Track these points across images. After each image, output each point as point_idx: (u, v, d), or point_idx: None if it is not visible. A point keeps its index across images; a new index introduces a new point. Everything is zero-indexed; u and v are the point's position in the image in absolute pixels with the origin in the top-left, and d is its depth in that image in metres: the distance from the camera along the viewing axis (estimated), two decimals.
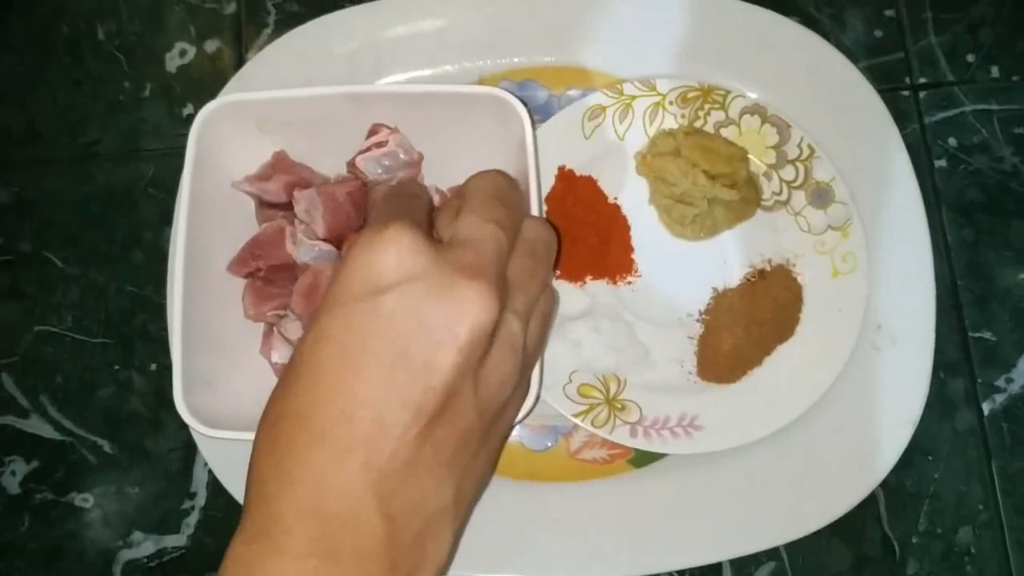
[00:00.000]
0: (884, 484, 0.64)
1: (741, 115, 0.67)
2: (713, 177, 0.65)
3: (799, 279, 0.65)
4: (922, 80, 0.73)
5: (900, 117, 0.69)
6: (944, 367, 0.67)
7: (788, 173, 0.67)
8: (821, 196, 0.66)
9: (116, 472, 0.67)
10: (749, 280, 0.66)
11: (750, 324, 0.64)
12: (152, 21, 0.74)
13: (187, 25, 0.74)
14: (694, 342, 0.65)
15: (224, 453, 0.63)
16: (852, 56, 0.70)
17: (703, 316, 0.66)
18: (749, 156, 0.66)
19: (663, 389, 0.64)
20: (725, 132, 0.67)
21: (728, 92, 0.67)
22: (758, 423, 0.63)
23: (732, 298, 0.65)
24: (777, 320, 0.65)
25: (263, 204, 0.61)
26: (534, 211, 0.56)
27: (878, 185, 0.67)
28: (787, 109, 0.67)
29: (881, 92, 0.68)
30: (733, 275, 0.66)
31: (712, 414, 0.63)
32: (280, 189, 0.60)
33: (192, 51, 0.74)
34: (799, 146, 0.67)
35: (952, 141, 0.71)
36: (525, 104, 0.57)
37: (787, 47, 0.69)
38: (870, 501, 0.64)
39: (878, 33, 0.73)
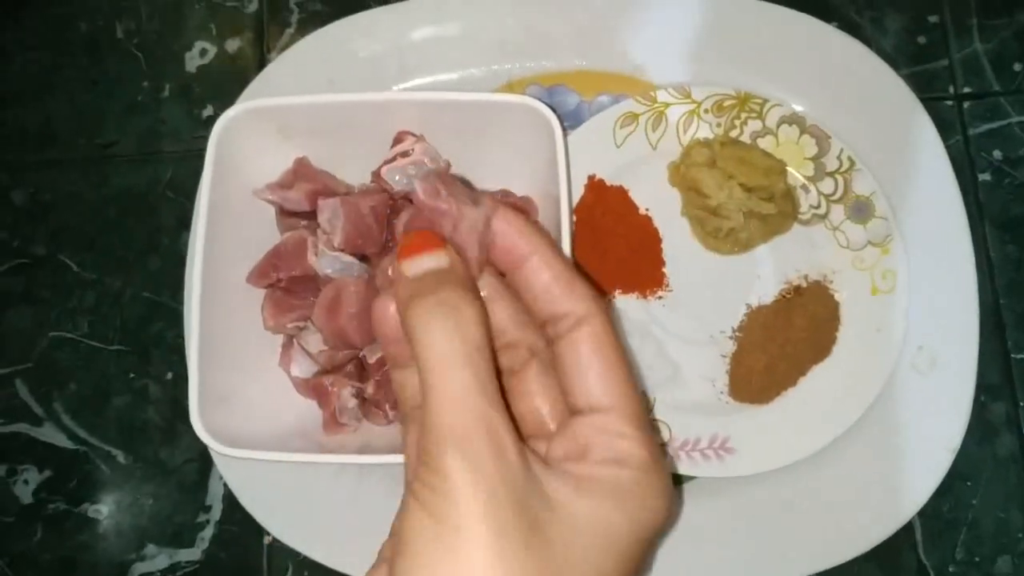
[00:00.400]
0: (920, 510, 0.62)
1: (779, 125, 0.65)
2: (749, 190, 0.62)
3: (836, 296, 0.63)
4: (966, 90, 0.70)
5: (942, 128, 0.66)
6: (985, 390, 0.65)
7: (827, 186, 0.64)
8: (861, 210, 0.64)
9: (130, 483, 0.66)
10: (784, 297, 0.64)
11: (785, 343, 0.62)
12: (172, 19, 0.73)
13: (208, 24, 0.72)
14: (726, 360, 0.63)
15: (240, 466, 0.62)
16: (893, 63, 0.67)
17: (736, 333, 0.63)
18: (787, 168, 0.64)
19: (694, 409, 0.62)
20: (762, 142, 0.65)
21: (766, 101, 0.65)
22: (792, 446, 0.61)
23: (766, 315, 0.63)
24: (813, 339, 0.62)
25: (284, 212, 0.60)
26: (564, 225, 0.54)
27: (920, 199, 0.64)
28: (826, 119, 0.65)
29: (923, 101, 0.66)
30: (768, 291, 0.64)
31: (744, 436, 0.61)
32: (302, 197, 0.58)
33: (213, 51, 0.72)
34: (839, 158, 0.64)
35: (997, 154, 0.69)
36: (556, 113, 0.55)
37: (826, 54, 0.67)
38: (906, 528, 0.62)
39: (921, 39, 0.71)
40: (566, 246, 0.54)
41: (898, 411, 0.62)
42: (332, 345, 0.57)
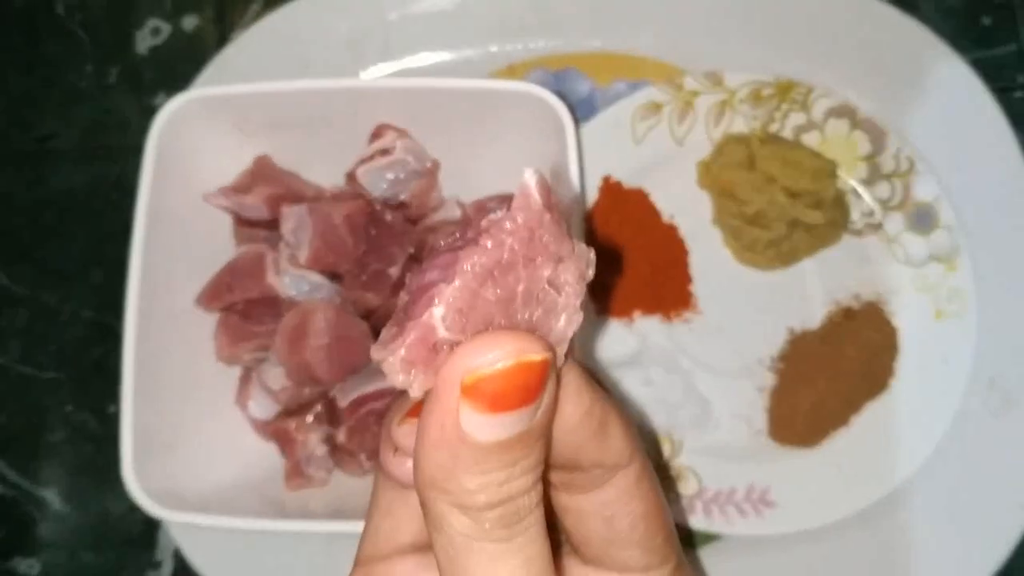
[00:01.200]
0: None
1: (826, 118, 0.55)
2: (794, 195, 0.53)
3: (894, 321, 0.54)
4: None
5: (1011, 123, 0.57)
6: None
7: (882, 190, 0.55)
8: (922, 219, 0.55)
9: (68, 534, 0.57)
10: (833, 321, 0.54)
11: (834, 375, 0.53)
12: None
13: None
14: (765, 396, 0.54)
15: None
16: (957, 47, 0.58)
17: (776, 364, 0.54)
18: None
19: (727, 454, 0.53)
20: (806, 138, 0.55)
21: (810, 89, 0.55)
22: (842, 499, 0.52)
23: (812, 342, 0.54)
24: (866, 371, 0.53)
25: (241, 222, 0.51)
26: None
27: (991, 207, 0.55)
28: (881, 111, 0.56)
29: (989, 92, 0.57)
30: (813, 314, 0.55)
31: (787, 486, 0.52)
32: (262, 203, 0.49)
33: (167, 29, 0.63)
34: (896, 157, 0.55)
35: None
36: (566, 102, 0.46)
37: (880, 35, 0.57)
38: None
39: (986, 21, 0.61)
40: None
41: (966, 458, 0.53)
42: (296, 381, 0.48)
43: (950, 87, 0.57)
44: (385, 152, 0.49)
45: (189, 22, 0.63)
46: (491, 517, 0.21)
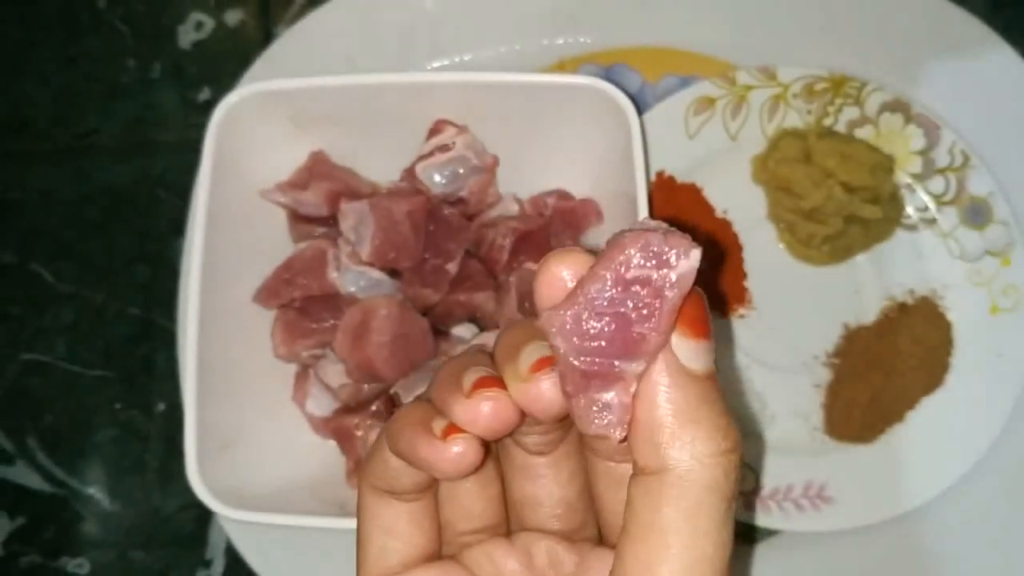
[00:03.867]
0: None
1: (880, 112, 0.55)
2: (852, 190, 0.53)
3: (948, 316, 0.54)
4: None
5: None
6: None
7: (937, 185, 0.55)
8: (977, 214, 0.54)
9: (116, 533, 0.56)
10: (887, 316, 0.54)
11: (890, 371, 0.53)
12: None
13: None
14: (821, 392, 0.53)
15: None
16: (1010, 39, 0.57)
17: (832, 359, 0.54)
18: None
19: (784, 450, 0.52)
20: (860, 133, 0.55)
21: (864, 84, 0.55)
22: (898, 495, 0.51)
23: (867, 338, 0.54)
24: (922, 366, 0.53)
25: (298, 218, 0.50)
26: None
27: None
28: (935, 105, 0.55)
29: None
30: (868, 309, 0.54)
31: (844, 482, 0.52)
32: (320, 200, 0.48)
33: (210, 24, 0.62)
34: (951, 152, 0.54)
35: None
36: (633, 100, 0.46)
37: (933, 27, 0.57)
38: None
39: None
40: None
41: (1023, 453, 0.52)
42: (356, 378, 0.48)
43: (1004, 80, 0.56)
44: (445, 148, 0.48)
45: (232, 16, 0.62)
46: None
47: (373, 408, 0.48)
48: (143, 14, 0.62)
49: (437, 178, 0.48)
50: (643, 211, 0.45)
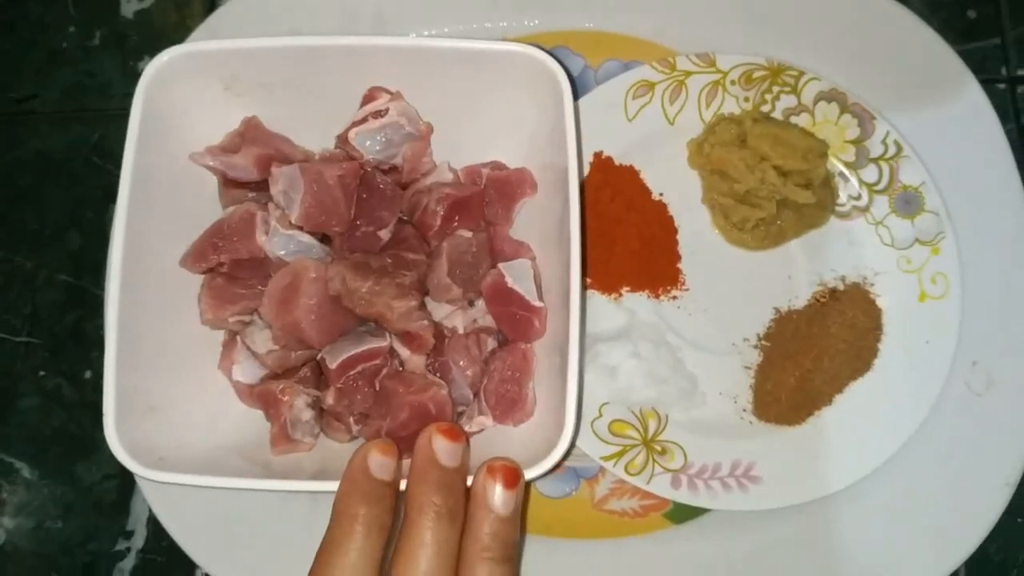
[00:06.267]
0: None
1: (816, 101, 0.56)
2: (785, 174, 0.53)
3: (878, 302, 0.54)
4: (1021, 72, 0.61)
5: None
6: None
7: (870, 174, 0.56)
8: (908, 203, 0.55)
9: (36, 502, 0.55)
10: (818, 301, 0.55)
11: (819, 354, 0.53)
12: None
13: None
14: (751, 373, 0.54)
15: (169, 487, 0.50)
16: (947, 40, 0.58)
17: (762, 342, 0.54)
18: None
19: (713, 430, 0.53)
20: (796, 121, 0.56)
21: (801, 73, 0.56)
22: (825, 476, 0.52)
23: (798, 322, 0.54)
24: (851, 351, 0.53)
25: (228, 182, 0.49)
26: (572, 205, 0.44)
27: (976, 192, 0.56)
28: (870, 96, 0.56)
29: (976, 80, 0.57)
30: (800, 294, 0.55)
31: (771, 463, 0.52)
32: (250, 164, 0.48)
33: None
34: (884, 142, 0.55)
35: None
36: (566, 68, 0.46)
37: (871, 20, 0.58)
38: None
39: (971, 14, 0.62)
40: (575, 229, 0.44)
41: (948, 438, 0.53)
42: (284, 344, 0.47)
43: (939, 74, 0.57)
44: (378, 114, 0.48)
45: None
46: None
47: (300, 375, 0.48)
48: None
49: (370, 144, 0.48)
50: (574, 183, 0.45)
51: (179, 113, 0.48)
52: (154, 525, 0.54)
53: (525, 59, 0.46)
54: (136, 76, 0.59)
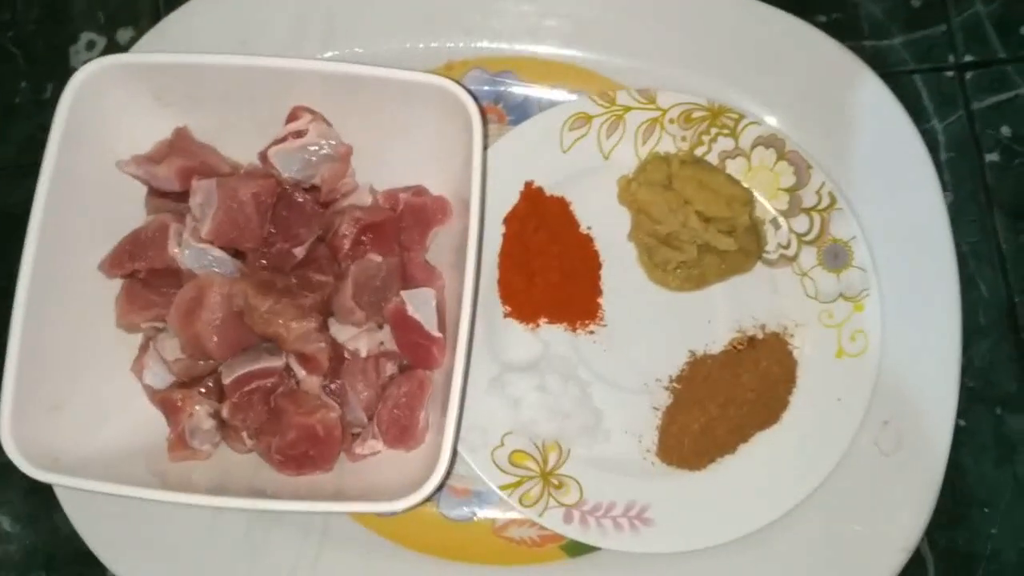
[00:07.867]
0: (933, 544, 0.54)
1: (754, 146, 0.55)
2: (708, 220, 0.53)
3: (795, 354, 0.54)
4: (968, 58, 0.60)
5: (943, 102, 0.58)
6: (1001, 402, 0.56)
7: (800, 224, 0.55)
8: (836, 257, 0.55)
9: None
10: (735, 347, 0.55)
11: (728, 401, 0.53)
12: (54, 7, 0.63)
13: (95, 11, 0.62)
14: (658, 415, 0.54)
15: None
16: (885, 30, 0.59)
17: (674, 384, 0.54)
18: (756, 198, 0.55)
19: (615, 467, 0.53)
20: (732, 165, 0.55)
21: (741, 116, 0.55)
22: (720, 525, 0.52)
23: (712, 367, 0.54)
24: (762, 401, 0.53)
25: (154, 192, 0.51)
26: (471, 239, 0.45)
27: (907, 251, 0.55)
28: (809, 143, 0.55)
29: (921, 73, 0.58)
30: (718, 339, 0.55)
31: (667, 506, 0.52)
32: (172, 175, 0.49)
33: (102, 43, 0.62)
34: (819, 192, 0.55)
35: (1005, 130, 0.59)
36: (478, 102, 0.46)
37: (813, 66, 0.57)
38: (916, 562, 0.53)
39: (915, 3, 0.61)
40: (470, 263, 0.45)
41: (851, 496, 0.53)
42: (189, 354, 0.49)
43: (878, 124, 0.56)
44: (299, 134, 0.49)
45: (124, 35, 0.62)
46: None
47: (204, 385, 0.49)
48: (34, 35, 0.62)
49: (289, 163, 0.49)
50: (475, 216, 0.45)
51: (109, 121, 0.49)
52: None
53: (438, 91, 0.47)
54: None
